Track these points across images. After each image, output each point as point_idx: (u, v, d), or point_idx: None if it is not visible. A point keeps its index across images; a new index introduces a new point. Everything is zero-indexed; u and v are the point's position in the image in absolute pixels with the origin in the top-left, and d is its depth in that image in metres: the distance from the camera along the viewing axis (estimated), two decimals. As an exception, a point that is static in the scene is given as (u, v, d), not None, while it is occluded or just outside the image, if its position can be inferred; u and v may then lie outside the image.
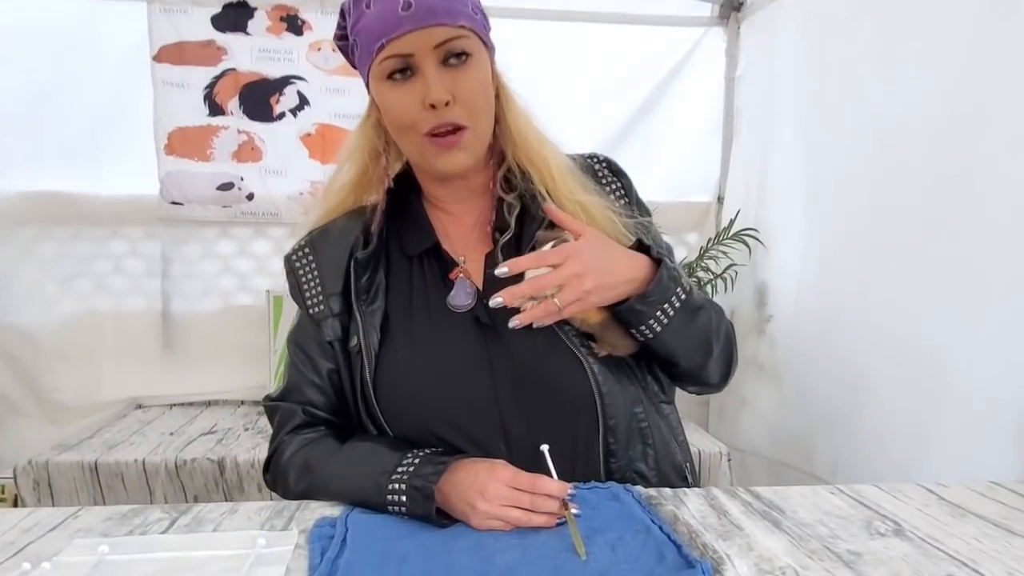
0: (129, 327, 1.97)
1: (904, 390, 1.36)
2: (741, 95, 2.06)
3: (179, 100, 1.93)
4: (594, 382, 0.82)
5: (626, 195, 0.95)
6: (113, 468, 1.48)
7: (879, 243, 1.44)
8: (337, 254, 0.91)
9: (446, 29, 0.81)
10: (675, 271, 0.84)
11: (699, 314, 0.85)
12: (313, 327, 0.91)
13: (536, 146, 0.89)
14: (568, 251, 0.77)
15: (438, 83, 0.81)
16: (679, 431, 0.93)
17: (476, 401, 0.83)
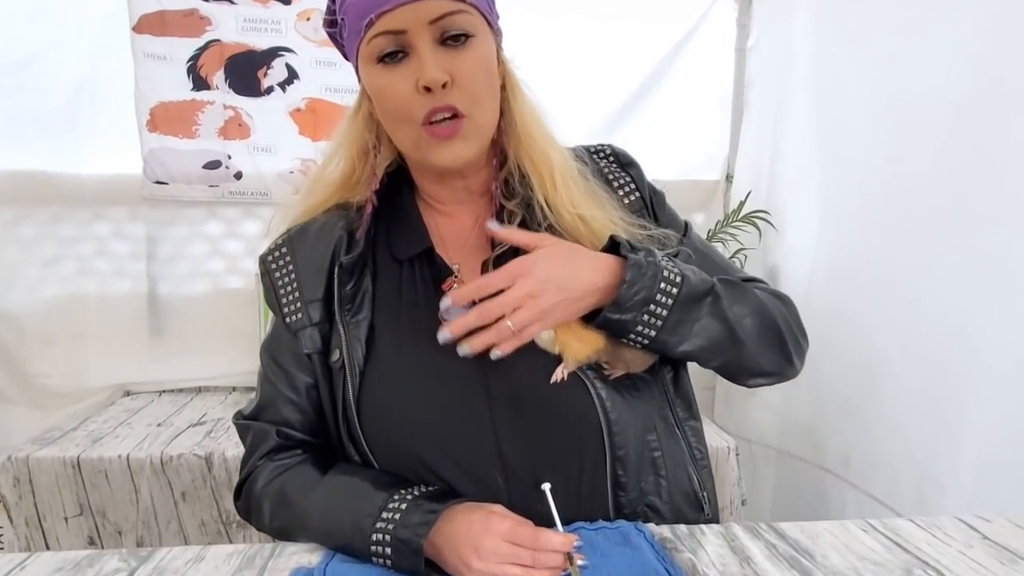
0: (115, 311, 1.90)
1: (924, 380, 1.29)
2: (752, 67, 1.96)
3: (161, 73, 1.83)
4: (600, 408, 0.74)
5: (637, 188, 0.86)
6: (96, 464, 1.42)
7: (898, 226, 1.36)
8: (317, 256, 0.82)
9: (444, 3, 0.71)
10: (654, 263, 0.73)
11: (703, 303, 0.75)
12: (289, 337, 0.82)
13: (541, 147, 0.80)
14: (516, 270, 0.69)
15: (433, 62, 0.72)
16: (701, 453, 0.84)
17: (471, 428, 0.75)
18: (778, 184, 1.78)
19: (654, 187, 0.89)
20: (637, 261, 0.73)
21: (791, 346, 0.83)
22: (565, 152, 0.82)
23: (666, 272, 0.74)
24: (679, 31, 1.95)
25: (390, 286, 0.82)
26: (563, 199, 0.79)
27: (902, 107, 1.35)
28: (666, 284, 0.73)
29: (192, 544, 1.44)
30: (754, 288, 0.84)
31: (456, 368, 0.75)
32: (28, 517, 1.42)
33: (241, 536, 1.45)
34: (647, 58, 1.95)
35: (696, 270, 0.78)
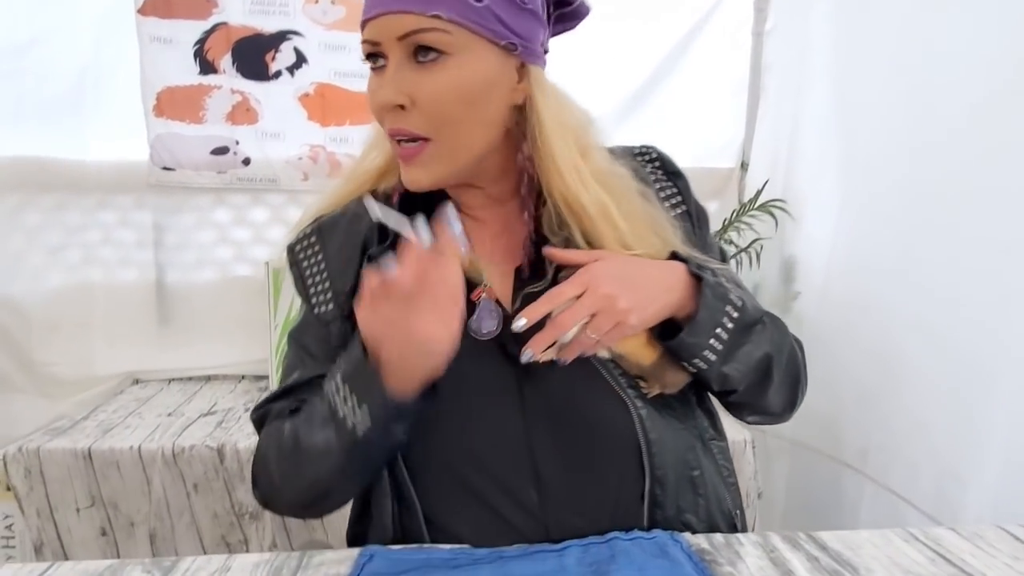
0: (122, 299, 1.88)
1: (947, 373, 1.27)
2: (769, 52, 1.92)
3: (167, 57, 1.80)
4: (640, 428, 0.72)
5: (684, 201, 0.83)
6: (108, 455, 1.41)
7: (921, 216, 1.33)
8: (348, 246, 0.80)
9: (414, 18, 0.67)
10: (720, 284, 0.73)
11: (754, 331, 0.75)
12: (320, 327, 0.80)
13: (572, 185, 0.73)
14: (586, 275, 0.67)
15: (391, 82, 0.69)
16: (729, 471, 0.83)
17: (505, 442, 0.73)
18: (796, 172, 1.74)
19: (699, 204, 0.86)
20: (709, 281, 0.71)
21: (799, 392, 0.84)
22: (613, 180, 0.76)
23: (731, 296, 0.72)
24: (694, 15, 1.90)
25: None
26: (607, 239, 0.74)
27: (928, 94, 1.31)
28: (730, 307, 0.72)
29: (205, 537, 1.45)
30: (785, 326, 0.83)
31: (488, 381, 0.73)
32: (40, 508, 1.41)
33: (254, 527, 1.44)
34: (661, 43, 1.91)
35: (748, 295, 0.76)
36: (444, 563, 0.65)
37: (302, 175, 1.88)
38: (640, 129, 1.89)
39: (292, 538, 1.44)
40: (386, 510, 0.76)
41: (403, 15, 0.67)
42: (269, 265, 1.79)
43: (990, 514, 1.17)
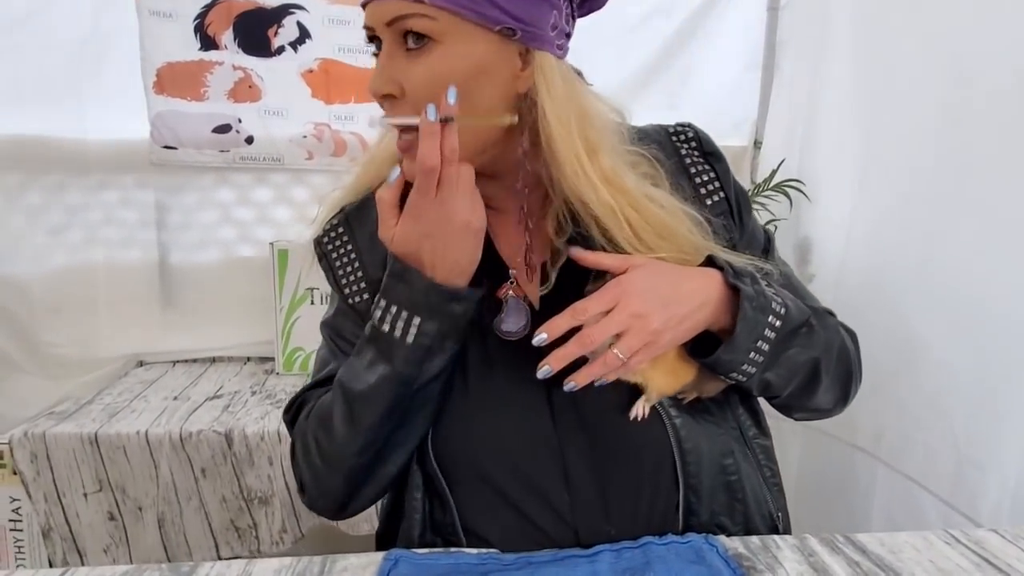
0: (125, 279, 1.85)
1: (967, 359, 1.24)
2: (784, 26, 1.87)
3: (167, 32, 1.75)
4: (674, 438, 0.70)
5: (722, 187, 0.79)
6: (115, 440, 1.39)
7: (945, 198, 1.29)
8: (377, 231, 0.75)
9: (399, 4, 0.64)
10: (762, 293, 0.68)
11: (798, 336, 0.71)
12: (355, 318, 0.78)
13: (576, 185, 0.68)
14: (616, 289, 0.63)
15: (382, 70, 0.67)
16: (772, 471, 0.80)
17: (535, 445, 0.71)
18: (812, 151, 1.71)
19: (740, 186, 0.82)
20: (748, 293, 0.67)
21: (852, 388, 0.81)
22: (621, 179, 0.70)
23: (773, 304, 0.68)
24: (708, -10, 1.85)
25: None
26: (624, 237, 0.70)
27: (953, 71, 1.26)
28: (773, 317, 0.68)
29: (214, 521, 1.43)
30: (833, 325, 0.80)
31: (518, 381, 0.70)
32: (47, 493, 1.40)
33: (263, 512, 1.43)
34: (673, 18, 1.86)
35: (791, 298, 0.72)
36: (472, 569, 0.63)
37: (306, 154, 1.84)
38: (652, 107, 1.85)
39: (302, 523, 1.43)
40: (418, 505, 0.74)
41: (389, 2, 0.65)
42: (274, 246, 1.76)
43: (1010, 502, 1.16)
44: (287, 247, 1.76)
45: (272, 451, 1.41)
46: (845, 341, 0.80)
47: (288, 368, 1.80)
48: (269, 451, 1.41)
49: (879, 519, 1.48)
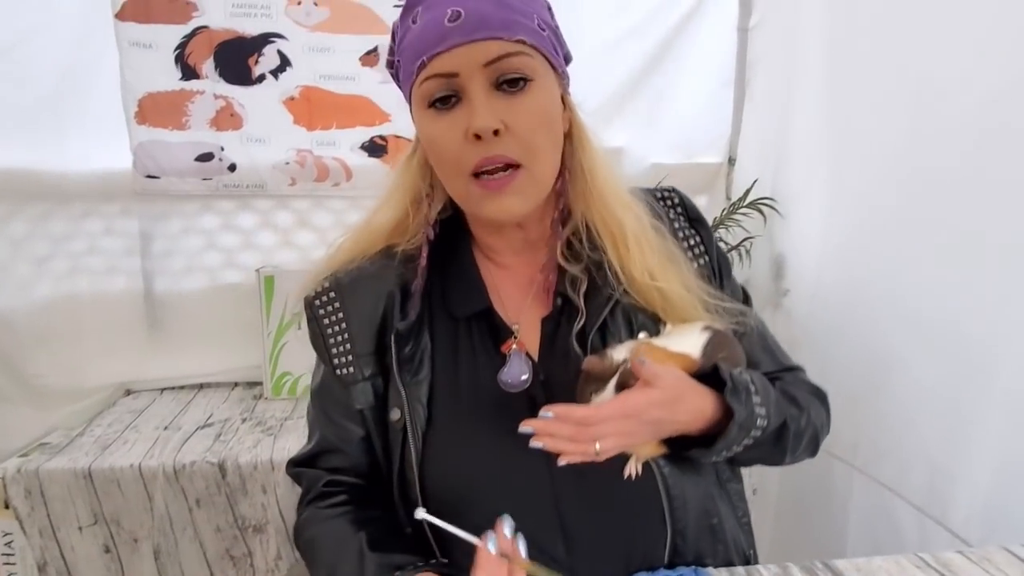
0: (111, 308, 1.86)
1: (938, 371, 1.29)
2: (755, 47, 1.92)
3: (148, 62, 1.77)
4: (663, 485, 0.74)
5: (706, 251, 0.83)
6: (108, 474, 1.41)
7: (915, 216, 1.34)
8: (368, 308, 0.79)
9: (500, 44, 0.67)
10: (752, 415, 0.71)
11: (771, 440, 0.75)
12: (341, 389, 0.81)
13: (612, 207, 0.75)
14: (627, 411, 0.66)
15: (485, 107, 0.67)
16: (743, 511, 0.85)
17: (533, 498, 0.74)
18: (785, 169, 1.76)
19: (721, 249, 0.87)
20: (741, 421, 0.70)
21: (815, 450, 0.85)
22: (638, 209, 0.77)
23: (758, 421, 0.72)
24: (680, 11, 1.90)
25: (447, 343, 0.80)
26: (636, 265, 0.75)
27: (922, 90, 1.31)
28: (755, 430, 0.72)
29: (209, 550, 1.45)
30: (804, 391, 0.84)
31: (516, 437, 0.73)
32: (42, 528, 1.41)
33: (257, 540, 1.45)
34: (648, 41, 1.90)
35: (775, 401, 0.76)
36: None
37: (289, 180, 1.86)
38: (630, 127, 1.90)
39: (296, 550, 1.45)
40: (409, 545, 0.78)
41: (489, 42, 0.67)
42: (260, 272, 1.78)
43: (980, 509, 1.21)
44: (273, 273, 1.79)
45: (265, 479, 1.43)
46: (815, 421, 0.83)
47: (277, 393, 1.82)
48: (262, 479, 1.43)
49: (856, 525, 1.54)
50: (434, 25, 0.67)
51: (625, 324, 0.78)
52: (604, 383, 0.67)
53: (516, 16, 0.68)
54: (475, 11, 0.67)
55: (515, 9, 0.69)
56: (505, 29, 0.67)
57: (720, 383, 0.72)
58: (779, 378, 0.85)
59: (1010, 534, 1.13)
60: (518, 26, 0.68)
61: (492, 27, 0.67)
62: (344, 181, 1.87)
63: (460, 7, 0.67)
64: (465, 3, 0.67)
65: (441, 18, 0.67)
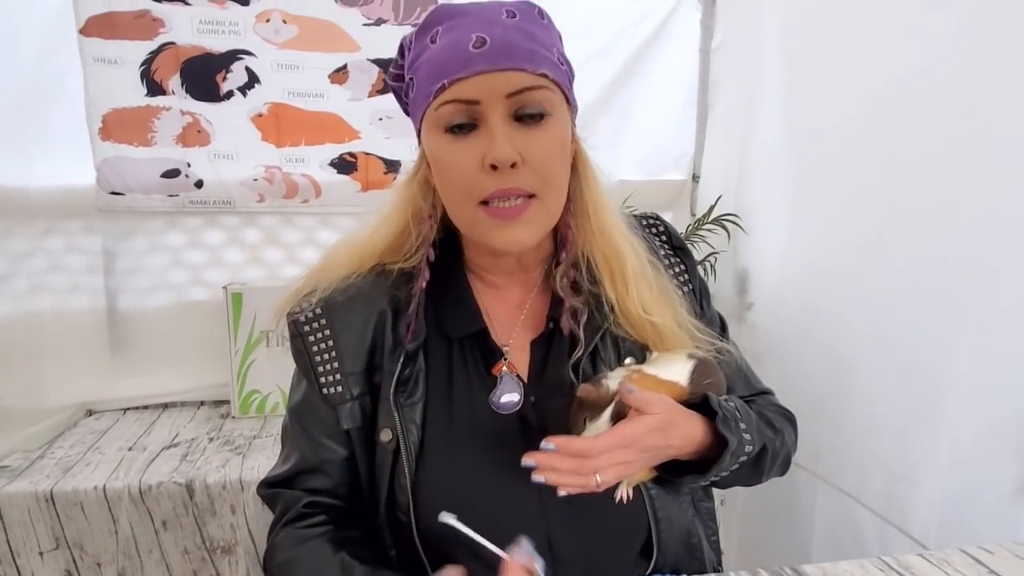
0: (73, 327, 1.82)
1: (895, 384, 1.35)
2: (717, 68, 1.98)
3: (113, 78, 1.75)
4: (650, 508, 0.76)
5: (690, 280, 0.86)
6: (71, 497, 1.37)
7: (872, 233, 1.40)
8: (357, 327, 0.78)
9: (524, 76, 0.67)
10: (740, 441, 0.74)
11: (751, 464, 0.78)
12: (326, 409, 0.79)
13: (614, 241, 0.77)
14: (624, 441, 0.67)
15: (505, 138, 0.67)
16: (712, 529, 0.88)
17: (523, 519, 0.75)
18: (747, 186, 1.81)
19: (702, 278, 0.89)
20: (733, 450, 0.72)
21: (789, 467, 0.89)
22: (636, 244, 0.79)
23: (746, 447, 0.74)
24: (644, 33, 1.95)
25: (441, 365, 0.79)
26: (634, 301, 0.77)
27: (881, 116, 1.37)
28: (743, 456, 0.75)
29: (175, 573, 1.43)
30: (777, 414, 0.88)
31: (508, 457, 0.73)
32: (1, 554, 1.37)
33: (226, 562, 1.43)
34: (613, 61, 1.95)
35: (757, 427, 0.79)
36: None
37: (258, 196, 1.86)
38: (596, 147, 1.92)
39: (267, 570, 1.44)
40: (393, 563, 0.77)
41: (513, 73, 0.67)
42: (228, 289, 1.77)
43: (937, 514, 1.26)
44: (241, 290, 1.77)
45: (234, 499, 1.41)
46: (788, 444, 0.86)
47: (245, 411, 1.80)
48: (231, 500, 1.41)
49: (820, 533, 1.58)
50: (457, 49, 0.67)
51: (614, 350, 0.80)
52: (599, 411, 0.68)
53: (540, 48, 0.69)
54: (501, 39, 0.66)
55: (539, 41, 0.69)
56: (530, 61, 0.67)
57: (704, 409, 0.74)
58: (753, 401, 0.88)
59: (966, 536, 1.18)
60: (541, 59, 0.68)
61: (517, 58, 0.67)
62: (313, 198, 1.87)
63: (486, 33, 0.66)
64: (491, 30, 0.67)
65: (465, 43, 0.67)
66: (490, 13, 0.69)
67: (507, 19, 0.69)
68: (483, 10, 0.70)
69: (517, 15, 0.70)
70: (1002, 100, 1.11)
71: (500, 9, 0.70)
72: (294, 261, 1.92)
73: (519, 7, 0.71)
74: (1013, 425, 1.11)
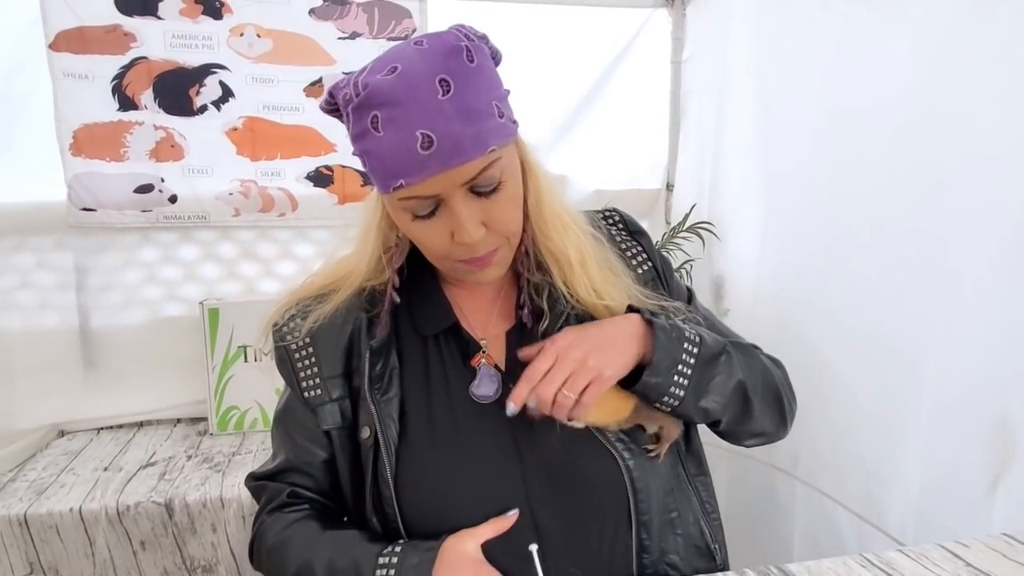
0: (43, 346, 1.79)
1: (870, 385, 1.37)
2: (688, 79, 2.02)
3: (84, 93, 1.73)
4: (628, 477, 0.77)
5: (649, 258, 0.89)
6: (46, 520, 1.35)
7: (842, 238, 1.43)
8: (334, 332, 0.82)
9: (475, 163, 0.68)
10: (676, 326, 0.78)
11: (719, 362, 0.80)
12: (307, 413, 0.83)
13: (558, 236, 0.80)
14: (553, 347, 0.73)
15: (471, 221, 0.70)
16: (712, 506, 0.89)
17: (507, 499, 0.77)
18: (720, 194, 1.84)
19: (662, 254, 0.92)
20: (661, 325, 0.76)
21: (787, 409, 0.90)
22: (577, 229, 0.82)
23: (687, 333, 0.78)
24: (617, 46, 1.98)
25: (416, 361, 0.83)
26: (582, 284, 0.80)
27: (847, 126, 1.40)
28: (688, 344, 0.77)
29: (156, 594, 1.40)
30: (761, 355, 0.90)
31: (490, 442, 0.78)
32: (-28, 581, 1.33)
33: (207, 581, 1.41)
34: (587, 73, 1.98)
35: (707, 331, 0.82)
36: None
37: (233, 210, 1.84)
38: (571, 155, 1.95)
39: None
40: None
41: (465, 165, 0.67)
42: (204, 305, 1.75)
43: (913, 512, 1.28)
44: (217, 305, 1.75)
45: (215, 517, 1.40)
46: (768, 365, 0.90)
47: (223, 428, 1.78)
48: (212, 518, 1.40)
49: (800, 533, 1.60)
50: (405, 151, 0.66)
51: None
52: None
53: (483, 124, 0.68)
54: (447, 136, 0.66)
55: (479, 112, 0.68)
56: (477, 147, 0.67)
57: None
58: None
59: (942, 531, 1.21)
60: (487, 134, 0.68)
61: (466, 151, 0.67)
62: (290, 211, 1.87)
63: (429, 131, 0.65)
64: (434, 124, 0.65)
65: (411, 143, 0.66)
66: (426, 97, 0.66)
67: (444, 99, 0.66)
68: (419, 93, 0.66)
69: (451, 85, 0.66)
70: (965, 106, 1.15)
71: (433, 84, 0.66)
72: (271, 275, 1.91)
73: (450, 67, 0.67)
74: (984, 422, 1.14)
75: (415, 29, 1.86)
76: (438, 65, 0.67)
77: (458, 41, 0.69)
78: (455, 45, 0.68)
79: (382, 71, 0.67)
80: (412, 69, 0.67)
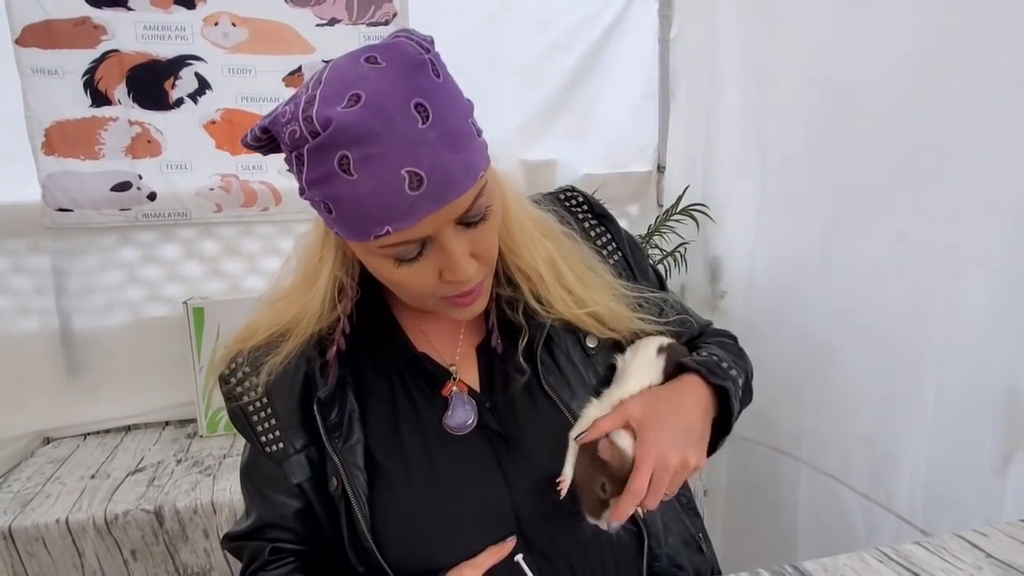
0: (24, 352, 1.74)
1: (872, 364, 1.35)
2: (676, 57, 1.98)
3: (54, 89, 1.66)
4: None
5: (619, 247, 0.84)
6: (32, 532, 1.30)
7: (841, 215, 1.41)
8: (287, 381, 0.75)
9: (467, 196, 0.61)
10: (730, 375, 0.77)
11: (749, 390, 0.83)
12: (273, 466, 0.76)
13: (527, 252, 0.74)
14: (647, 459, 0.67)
15: (464, 257, 0.64)
16: (688, 498, 0.87)
17: (496, 524, 0.72)
18: (713, 175, 1.81)
19: (631, 238, 0.88)
20: (732, 391, 0.75)
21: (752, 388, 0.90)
22: (548, 240, 0.76)
23: (739, 381, 0.78)
24: (602, 25, 1.93)
25: (382, 401, 0.76)
26: (559, 298, 0.75)
27: (842, 103, 1.37)
28: (741, 393, 0.78)
29: (148, 604, 1.36)
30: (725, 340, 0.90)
31: (471, 471, 0.73)
32: (-44, 598, 1.29)
33: (202, 588, 1.37)
34: (572, 54, 1.93)
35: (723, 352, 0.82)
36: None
37: (215, 206, 1.79)
38: (559, 138, 1.91)
39: (246, 594, 1.38)
40: None
41: (459, 198, 0.61)
42: (188, 304, 1.70)
43: (922, 491, 1.26)
44: (202, 304, 1.70)
45: (207, 523, 1.36)
46: (745, 355, 0.89)
47: (212, 429, 1.73)
48: (204, 524, 1.36)
49: (805, 516, 1.58)
50: (390, 194, 0.58)
51: (570, 336, 0.78)
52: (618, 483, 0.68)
53: (468, 148, 0.61)
54: (435, 170, 0.58)
55: (464, 138, 0.61)
56: (469, 177, 0.61)
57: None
58: (702, 334, 0.91)
59: (952, 510, 1.19)
60: (476, 160, 0.62)
61: (458, 184, 0.60)
62: (273, 205, 1.81)
63: (416, 168, 0.57)
64: (420, 161, 0.57)
65: (398, 184, 0.57)
66: (405, 129, 0.57)
67: (425, 128, 0.58)
68: (396, 125, 0.57)
69: (428, 110, 0.58)
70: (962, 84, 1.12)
71: (409, 111, 0.58)
72: (256, 272, 1.86)
73: (421, 87, 0.59)
74: (992, 398, 1.12)
75: (395, 14, 1.80)
76: (408, 87, 0.58)
77: (418, 54, 0.60)
78: (417, 60, 0.59)
79: (340, 101, 0.57)
80: (379, 95, 0.57)
